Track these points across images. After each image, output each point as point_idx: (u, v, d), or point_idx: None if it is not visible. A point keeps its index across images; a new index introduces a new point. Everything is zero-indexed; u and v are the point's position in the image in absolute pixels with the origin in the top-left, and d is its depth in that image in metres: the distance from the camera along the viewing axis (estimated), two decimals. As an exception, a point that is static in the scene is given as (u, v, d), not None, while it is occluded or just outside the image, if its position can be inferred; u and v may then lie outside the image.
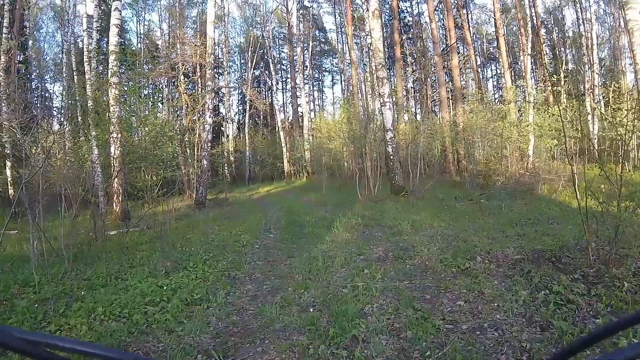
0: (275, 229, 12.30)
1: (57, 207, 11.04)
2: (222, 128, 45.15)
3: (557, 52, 42.60)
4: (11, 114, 13.98)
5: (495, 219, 10.44)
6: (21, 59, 29.23)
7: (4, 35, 21.67)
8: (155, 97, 33.06)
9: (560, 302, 4.74)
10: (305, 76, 44.36)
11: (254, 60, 43.65)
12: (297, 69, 41.93)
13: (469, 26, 40.38)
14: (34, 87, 38.15)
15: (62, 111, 34.98)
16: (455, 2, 37.05)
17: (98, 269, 7.43)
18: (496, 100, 39.39)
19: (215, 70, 25.64)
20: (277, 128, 45.71)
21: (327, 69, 62.28)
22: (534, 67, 35.94)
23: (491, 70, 55.42)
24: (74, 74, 26.01)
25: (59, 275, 6.97)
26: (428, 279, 6.19)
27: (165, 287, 6.32)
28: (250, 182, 40.94)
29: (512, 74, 34.36)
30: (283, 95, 55.80)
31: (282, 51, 54.73)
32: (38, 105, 36.58)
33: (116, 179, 14.95)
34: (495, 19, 32.49)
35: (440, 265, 6.63)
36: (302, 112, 42.86)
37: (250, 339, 4.67)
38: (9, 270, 7.18)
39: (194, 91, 35.10)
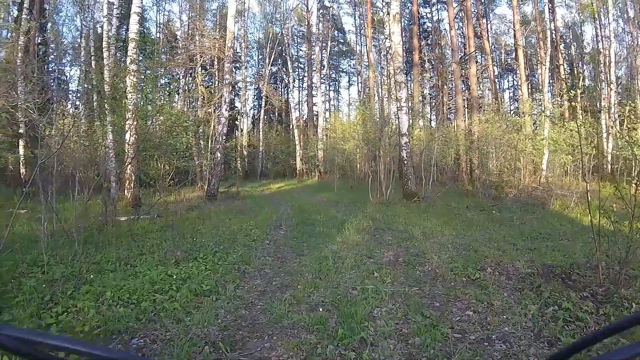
0: (285, 226, 12.31)
1: (68, 189, 11.12)
2: (236, 122, 45.24)
3: (575, 68, 42.43)
4: (28, 95, 14.04)
5: (506, 230, 10.40)
6: (40, 41, 29.38)
7: (24, 16, 21.82)
8: (172, 87, 33.17)
9: (569, 318, 4.74)
10: (322, 76, 44.39)
11: (272, 56, 43.72)
12: (314, 68, 41.96)
13: (488, 36, 40.34)
14: (50, 69, 38.28)
15: (78, 95, 35.18)
16: (476, 11, 36.94)
17: (108, 254, 7.47)
18: (512, 112, 39.28)
19: (233, 64, 25.63)
20: (291, 125, 45.97)
21: (344, 70, 62.43)
22: (551, 80, 35.81)
23: (508, 81, 55.37)
24: (92, 59, 26.15)
25: (68, 257, 6.99)
26: (438, 286, 6.18)
27: (174, 277, 6.33)
28: (262, 177, 41.20)
29: (529, 87, 34.26)
30: (299, 93, 55.95)
31: (300, 49, 54.94)
32: (54, 87, 36.68)
33: (129, 166, 15.00)
34: (514, 31, 32.34)
35: (450, 273, 6.61)
36: (317, 111, 42.94)
37: (258, 334, 4.66)
38: (18, 249, 7.21)
39: (210, 83, 35.19)
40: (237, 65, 44.12)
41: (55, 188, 8.51)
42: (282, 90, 54.14)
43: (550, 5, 32.31)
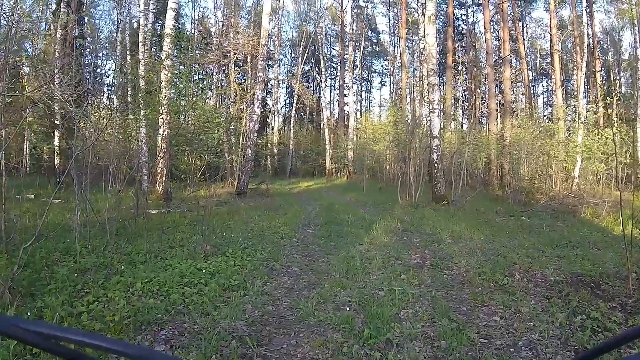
0: (314, 225, 12.36)
1: (101, 181, 11.28)
2: (267, 120, 45.45)
3: (612, 74, 41.76)
4: (65, 86, 14.26)
5: (535, 237, 10.28)
6: (77, 34, 29.80)
7: (62, 9, 22.17)
8: (205, 83, 33.44)
9: (597, 328, 4.70)
10: (354, 75, 44.27)
11: (305, 55, 43.76)
12: (347, 68, 41.92)
13: (524, 39, 39.84)
14: (87, 62, 38.80)
15: (113, 88, 35.65)
16: (512, 14, 36.58)
17: (138, 246, 7.60)
18: (545, 118, 38.81)
19: (266, 62, 25.77)
20: (322, 125, 45.95)
21: (377, 71, 62.41)
22: (586, 87, 35.32)
23: (542, 86, 54.74)
24: (128, 53, 26.47)
25: (100, 247, 7.13)
26: (465, 290, 6.16)
27: (203, 270, 6.42)
28: (291, 175, 41.29)
29: (564, 92, 33.82)
30: (331, 92, 56.08)
31: (333, 49, 55.03)
32: (90, 80, 37.19)
33: (161, 160, 15.16)
34: (550, 35, 31.90)
35: (478, 278, 6.57)
36: (348, 111, 42.86)
37: (285, 331, 4.71)
38: (52, 238, 7.34)
39: (243, 81, 35.42)
40: (270, 63, 44.30)
41: (89, 179, 8.66)
42: (314, 89, 54.15)
43: (588, 9, 31.87)
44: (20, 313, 4.45)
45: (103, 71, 43.28)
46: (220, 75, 35.98)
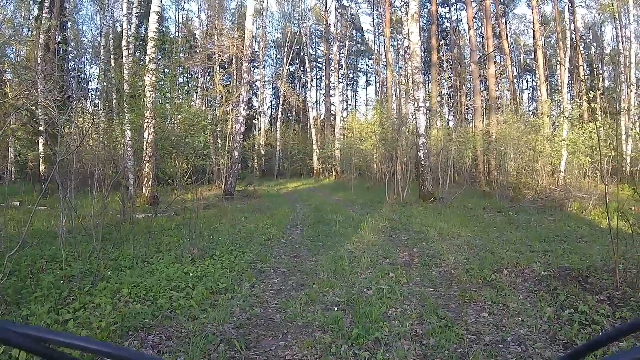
0: (302, 225, 12.35)
1: (87, 186, 11.19)
2: (254, 121, 45.40)
3: (595, 68, 42.04)
4: (48, 92, 14.16)
5: (523, 233, 10.31)
6: (60, 40, 29.63)
7: (44, 15, 22.05)
8: (190, 86, 33.37)
9: (585, 322, 4.70)
10: (339, 75, 44.43)
11: (290, 55, 43.71)
12: (332, 68, 42.02)
13: (507, 36, 40.01)
14: (70, 67, 38.55)
15: (97, 93, 35.48)
16: (495, 10, 36.72)
17: (125, 251, 7.54)
18: (530, 113, 38.99)
19: (251, 63, 25.74)
20: (308, 125, 46.04)
21: (362, 70, 62.57)
22: (570, 81, 35.52)
23: (527, 82, 54.95)
24: (111, 57, 26.35)
25: (86, 253, 7.06)
26: (453, 287, 6.16)
27: (190, 274, 6.38)
28: (278, 176, 41.37)
29: (548, 87, 33.98)
30: (316, 92, 56.04)
31: (318, 49, 54.94)
32: (74, 85, 36.96)
33: (147, 164, 15.08)
34: (533, 31, 32.07)
35: (466, 275, 6.58)
36: (334, 111, 42.97)
37: (273, 333, 4.69)
38: (37, 245, 7.27)
39: (228, 82, 35.38)
40: (255, 64, 44.20)
41: (74, 185, 8.59)
42: (300, 89, 54.20)
43: (570, 5, 32.10)
44: (5, 322, 4.39)
45: (87, 76, 42.94)
46: (205, 78, 35.98)
